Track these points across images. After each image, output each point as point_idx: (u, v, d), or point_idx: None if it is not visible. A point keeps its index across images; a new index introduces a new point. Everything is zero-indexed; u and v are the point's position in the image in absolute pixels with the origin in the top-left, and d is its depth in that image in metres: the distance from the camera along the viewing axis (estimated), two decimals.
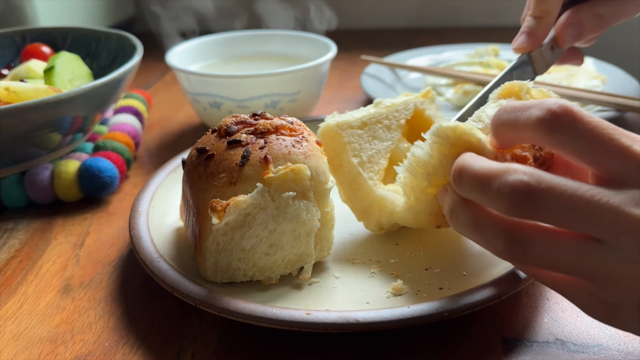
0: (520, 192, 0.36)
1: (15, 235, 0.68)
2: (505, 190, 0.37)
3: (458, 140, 0.44)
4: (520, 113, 0.40)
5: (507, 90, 0.53)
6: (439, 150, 0.46)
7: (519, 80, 0.53)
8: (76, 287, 0.58)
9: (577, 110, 0.38)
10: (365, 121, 0.61)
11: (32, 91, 0.69)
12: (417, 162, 0.48)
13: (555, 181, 0.36)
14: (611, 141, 0.37)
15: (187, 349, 0.49)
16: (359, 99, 1.10)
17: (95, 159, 0.73)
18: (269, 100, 0.85)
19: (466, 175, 0.41)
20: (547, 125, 0.38)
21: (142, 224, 0.59)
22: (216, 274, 0.51)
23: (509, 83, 0.54)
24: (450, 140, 0.45)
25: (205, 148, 0.53)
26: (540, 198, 0.36)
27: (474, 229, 0.42)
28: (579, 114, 0.38)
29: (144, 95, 0.98)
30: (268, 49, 1.02)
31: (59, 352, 0.49)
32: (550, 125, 0.38)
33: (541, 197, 0.36)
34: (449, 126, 0.45)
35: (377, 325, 0.44)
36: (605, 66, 1.07)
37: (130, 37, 0.87)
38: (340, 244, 0.58)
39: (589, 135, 0.37)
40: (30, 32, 0.95)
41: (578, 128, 0.37)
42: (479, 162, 0.40)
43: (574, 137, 0.37)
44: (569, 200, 0.35)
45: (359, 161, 0.58)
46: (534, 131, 0.39)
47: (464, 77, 1.02)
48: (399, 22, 1.64)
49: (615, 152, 0.36)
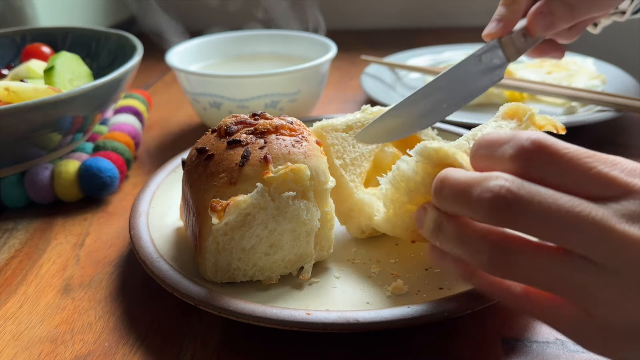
0: (500, 197, 0.36)
1: (15, 235, 0.68)
2: (486, 195, 0.36)
3: (441, 162, 0.45)
4: (495, 149, 0.40)
5: (510, 111, 0.54)
6: (423, 169, 0.47)
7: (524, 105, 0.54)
8: (76, 287, 0.58)
9: (550, 144, 0.37)
10: (350, 124, 0.62)
11: (32, 91, 0.69)
12: (401, 176, 0.49)
13: (536, 189, 0.36)
14: (589, 170, 0.36)
15: (187, 349, 0.49)
16: (359, 99, 1.10)
17: (95, 159, 0.73)
18: (269, 100, 0.85)
19: (447, 186, 0.40)
20: (520, 163, 0.38)
21: (142, 224, 0.59)
22: (216, 274, 0.51)
23: (514, 105, 0.54)
24: (433, 160, 0.46)
25: (205, 148, 0.53)
26: (522, 204, 0.35)
27: (458, 242, 0.40)
28: (553, 147, 0.37)
29: (144, 95, 0.98)
30: (268, 49, 1.02)
31: (59, 352, 0.49)
32: (524, 162, 0.37)
33: (522, 202, 0.35)
34: (432, 147, 0.45)
35: (377, 325, 0.44)
36: (605, 66, 1.07)
37: (130, 37, 0.87)
38: (340, 244, 0.58)
39: (565, 168, 0.36)
40: (30, 32, 0.95)
41: (554, 162, 0.37)
42: (460, 173, 0.40)
43: (551, 172, 0.37)
44: (548, 209, 0.35)
45: (342, 163, 0.59)
46: (509, 168, 0.39)
47: None
48: (399, 22, 1.64)
49: (596, 181, 0.36)
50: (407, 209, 0.50)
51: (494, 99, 0.99)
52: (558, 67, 1.07)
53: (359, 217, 0.57)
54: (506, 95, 0.99)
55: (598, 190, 0.36)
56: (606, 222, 0.34)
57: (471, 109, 0.98)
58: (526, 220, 0.36)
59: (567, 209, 0.35)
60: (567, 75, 1.03)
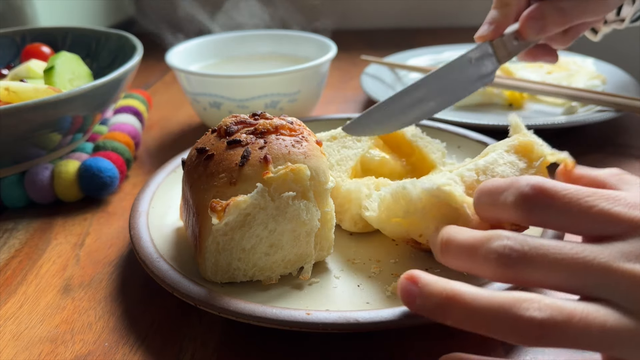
0: (505, 256, 0.36)
1: (15, 235, 0.68)
2: (491, 256, 0.37)
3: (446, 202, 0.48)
4: (496, 197, 0.41)
5: (523, 148, 0.55)
6: (428, 200, 0.49)
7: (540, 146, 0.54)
8: (76, 287, 0.58)
9: (549, 187, 0.37)
10: (335, 135, 0.65)
11: (32, 91, 0.69)
12: (404, 196, 0.50)
13: (539, 242, 0.36)
14: (590, 209, 0.36)
15: (187, 349, 0.49)
16: (359, 99, 1.10)
17: (95, 159, 0.73)
18: (269, 100, 0.85)
19: (452, 247, 0.41)
20: (522, 209, 0.38)
21: (142, 224, 0.59)
22: (216, 274, 0.51)
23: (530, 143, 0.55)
24: (441, 199, 0.48)
25: (205, 148, 0.53)
26: (527, 260, 0.36)
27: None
28: (552, 190, 0.37)
29: (144, 95, 0.98)
30: (268, 49, 1.02)
31: (59, 352, 0.49)
32: (526, 208, 0.38)
33: (527, 259, 0.36)
34: (443, 191, 0.48)
35: (377, 325, 0.44)
36: (605, 66, 1.07)
37: (130, 37, 0.87)
38: (340, 244, 0.58)
39: (567, 210, 0.37)
40: (30, 32, 0.95)
41: (554, 205, 0.37)
42: (463, 233, 0.41)
43: (553, 215, 0.38)
44: (554, 260, 0.35)
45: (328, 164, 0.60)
46: (512, 215, 0.39)
47: None
48: (399, 22, 1.64)
49: (598, 219, 0.36)
50: (397, 222, 0.52)
51: (494, 99, 0.99)
52: (558, 67, 1.07)
53: (350, 208, 0.58)
54: (506, 95, 0.99)
55: (601, 228, 0.36)
56: (612, 263, 0.34)
57: (471, 108, 0.98)
58: (534, 275, 0.36)
59: (571, 257, 0.35)
60: (567, 75, 1.03)
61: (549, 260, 0.35)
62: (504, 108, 0.98)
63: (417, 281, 0.39)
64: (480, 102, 1.00)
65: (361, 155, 0.64)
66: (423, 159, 0.66)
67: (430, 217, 0.49)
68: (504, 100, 0.99)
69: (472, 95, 0.99)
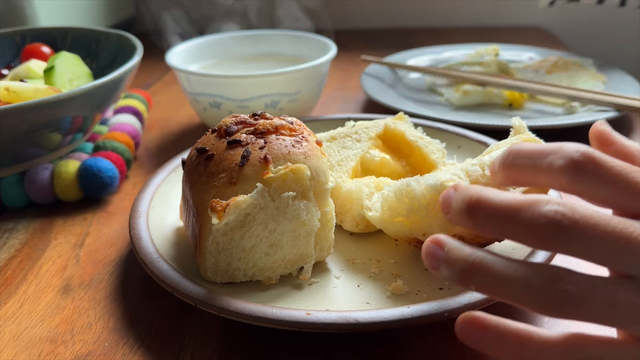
0: (556, 222, 0.34)
1: (15, 235, 0.68)
2: (540, 221, 0.34)
3: None
4: (539, 160, 0.38)
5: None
6: (432, 197, 0.48)
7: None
8: (76, 287, 0.58)
9: (599, 157, 0.36)
10: (334, 135, 0.66)
11: (32, 91, 0.69)
12: (408, 193, 0.50)
13: (589, 212, 0.35)
14: (637, 185, 0.36)
15: (187, 349, 0.49)
16: (359, 99, 1.10)
17: (95, 159, 0.73)
18: (269, 100, 0.85)
19: (484, 207, 0.37)
20: (569, 174, 0.37)
21: (142, 224, 0.59)
22: (216, 274, 0.51)
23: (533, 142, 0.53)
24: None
25: (205, 148, 0.53)
26: (577, 228, 0.34)
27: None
28: (601, 160, 0.36)
29: (144, 95, 0.98)
30: (268, 49, 1.02)
31: (59, 352, 0.49)
32: (573, 174, 0.36)
33: (577, 227, 0.34)
34: (447, 187, 0.47)
35: (377, 325, 0.44)
36: (605, 66, 1.07)
37: (130, 37, 0.87)
38: (341, 244, 0.58)
39: (613, 182, 0.36)
40: (30, 32, 0.95)
41: (602, 175, 0.36)
42: (498, 194, 0.38)
43: (598, 185, 0.36)
44: (604, 232, 0.34)
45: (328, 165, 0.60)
46: (555, 179, 0.37)
47: (464, 77, 1.02)
48: (399, 22, 1.65)
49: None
50: (399, 221, 0.52)
51: (494, 99, 0.99)
52: (558, 67, 1.08)
53: (351, 209, 0.58)
54: (506, 95, 0.99)
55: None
56: None
57: (471, 108, 0.98)
58: (580, 245, 0.35)
59: (620, 231, 0.34)
60: (568, 75, 1.03)
61: (598, 233, 0.34)
62: (504, 108, 0.98)
63: (443, 245, 0.37)
64: (480, 102, 1.00)
65: (361, 155, 0.64)
66: (423, 159, 0.66)
67: (434, 214, 0.49)
68: (504, 100, 0.99)
69: (473, 95, 0.99)
